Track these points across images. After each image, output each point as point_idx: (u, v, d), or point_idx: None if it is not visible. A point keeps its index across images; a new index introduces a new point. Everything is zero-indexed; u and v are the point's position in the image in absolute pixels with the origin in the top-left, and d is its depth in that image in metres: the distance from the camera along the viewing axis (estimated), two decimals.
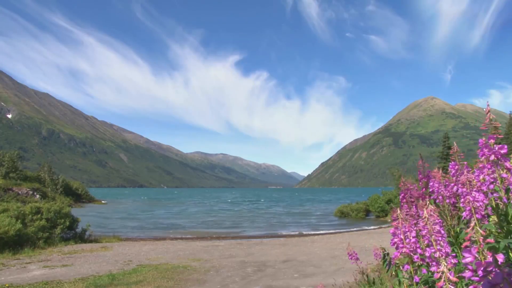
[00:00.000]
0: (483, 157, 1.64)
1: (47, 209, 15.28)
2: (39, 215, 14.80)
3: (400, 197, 2.23)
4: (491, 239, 1.31)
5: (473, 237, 1.26)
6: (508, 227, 1.59)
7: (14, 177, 40.14)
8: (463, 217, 1.76)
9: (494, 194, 1.64)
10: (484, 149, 1.62)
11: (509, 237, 1.56)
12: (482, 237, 1.23)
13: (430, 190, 2.06)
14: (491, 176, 1.65)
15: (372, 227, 25.15)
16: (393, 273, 2.11)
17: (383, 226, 25.39)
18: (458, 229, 1.94)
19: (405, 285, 1.87)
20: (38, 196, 34.58)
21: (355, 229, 24.77)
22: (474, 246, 1.11)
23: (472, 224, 1.25)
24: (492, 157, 1.60)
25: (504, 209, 1.63)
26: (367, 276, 3.81)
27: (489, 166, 1.63)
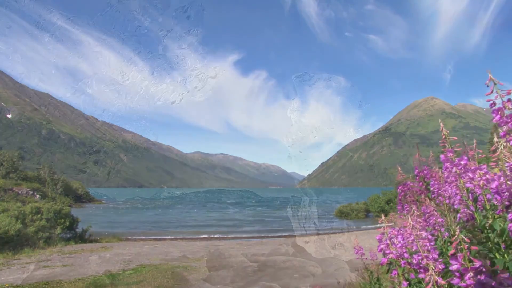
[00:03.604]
0: (446, 171, 1.72)
1: (47, 209, 15.29)
2: (39, 215, 14.80)
3: (398, 189, 2.21)
4: (475, 247, 1.36)
5: (459, 245, 1.30)
6: (480, 234, 1.61)
7: (14, 177, 40.16)
8: (457, 218, 1.78)
9: (462, 203, 1.71)
10: (446, 163, 1.70)
11: (482, 244, 1.58)
12: (467, 245, 1.28)
13: (431, 189, 2.05)
14: (457, 188, 1.73)
15: (372, 227, 25.14)
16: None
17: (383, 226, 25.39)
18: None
19: None
20: (38, 196, 34.61)
21: (355, 229, 24.77)
22: (460, 254, 1.15)
23: (457, 233, 1.28)
24: (454, 170, 1.67)
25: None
26: (371, 272, 3.80)
27: (453, 179, 1.70)
